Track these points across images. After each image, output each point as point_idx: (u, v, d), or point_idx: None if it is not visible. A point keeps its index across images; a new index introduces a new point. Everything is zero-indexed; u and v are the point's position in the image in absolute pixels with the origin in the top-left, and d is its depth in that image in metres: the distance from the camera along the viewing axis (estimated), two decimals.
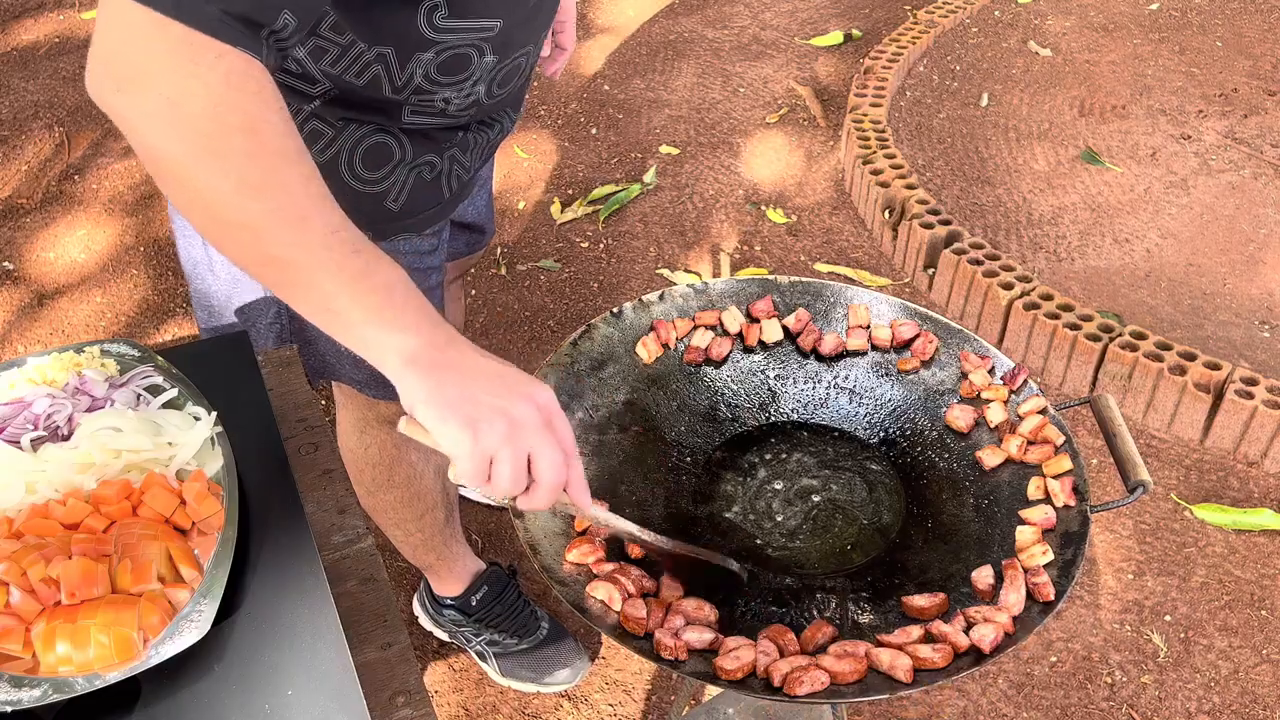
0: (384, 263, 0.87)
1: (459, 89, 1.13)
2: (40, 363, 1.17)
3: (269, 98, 0.82)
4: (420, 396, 0.87)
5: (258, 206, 0.81)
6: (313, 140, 1.14)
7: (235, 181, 0.80)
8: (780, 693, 0.92)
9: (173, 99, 0.78)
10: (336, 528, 1.16)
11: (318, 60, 1.05)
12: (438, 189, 1.27)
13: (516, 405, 0.87)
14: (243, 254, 0.87)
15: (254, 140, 0.80)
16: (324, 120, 1.13)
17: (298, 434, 1.25)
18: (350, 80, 1.08)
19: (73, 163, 3.36)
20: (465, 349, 0.90)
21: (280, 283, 0.88)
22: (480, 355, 0.90)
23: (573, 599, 0.99)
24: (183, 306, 2.80)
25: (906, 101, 3.55)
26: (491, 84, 1.17)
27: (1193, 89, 3.57)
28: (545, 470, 0.88)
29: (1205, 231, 2.94)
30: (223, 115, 0.79)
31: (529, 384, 0.90)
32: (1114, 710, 1.87)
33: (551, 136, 3.50)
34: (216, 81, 0.78)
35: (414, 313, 0.88)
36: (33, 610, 0.92)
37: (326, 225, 0.84)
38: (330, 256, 0.84)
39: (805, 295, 1.33)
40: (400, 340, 0.86)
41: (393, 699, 1.02)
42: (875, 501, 1.18)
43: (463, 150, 1.27)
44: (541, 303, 2.81)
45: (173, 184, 0.83)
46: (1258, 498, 2.24)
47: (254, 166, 0.80)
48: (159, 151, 0.81)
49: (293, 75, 1.08)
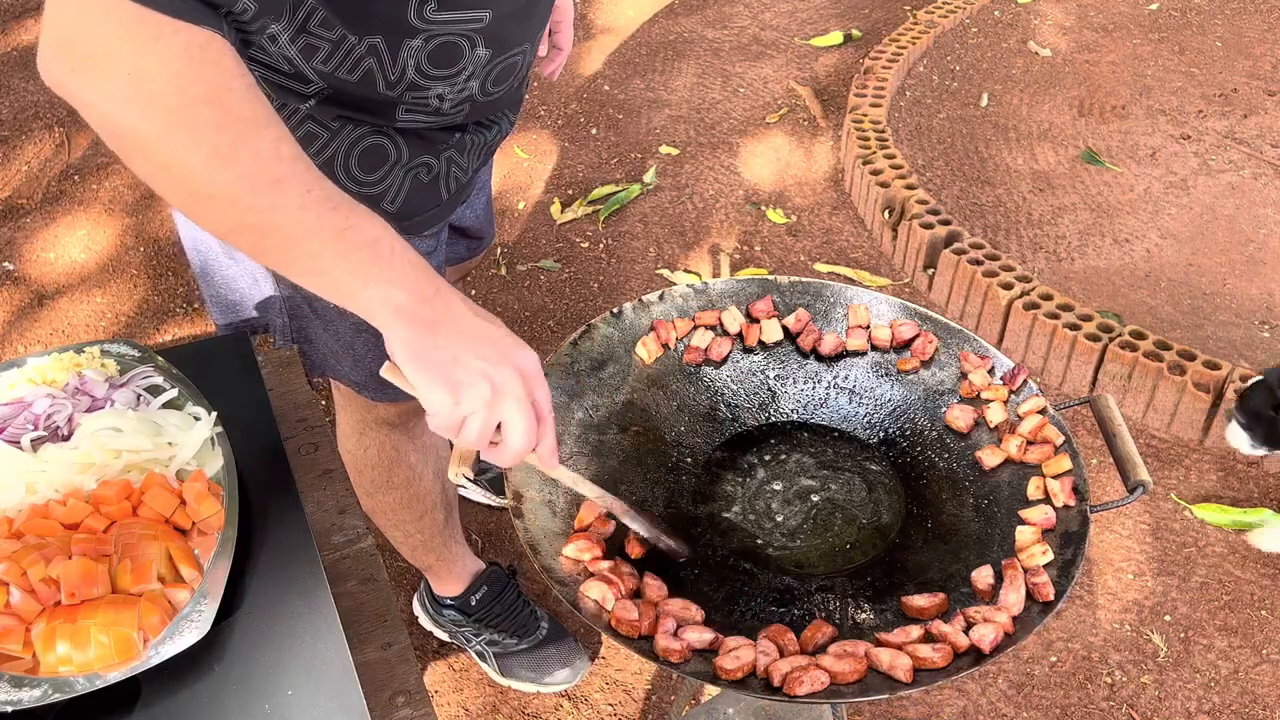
0: (365, 217, 0.87)
1: (452, 83, 1.13)
2: (40, 363, 1.17)
3: (230, 66, 0.82)
4: (405, 349, 0.88)
5: (229, 175, 0.81)
6: (308, 143, 1.14)
7: (206, 153, 0.80)
8: (780, 693, 0.92)
9: (134, 76, 0.78)
10: (336, 528, 1.16)
11: (309, 59, 1.05)
12: (435, 191, 1.27)
13: (500, 371, 0.89)
14: (220, 223, 0.87)
15: (219, 110, 0.80)
16: (319, 123, 1.13)
17: (298, 434, 1.25)
18: (343, 78, 1.07)
19: (73, 163, 3.36)
20: (454, 301, 0.90)
21: (262, 249, 0.88)
22: (469, 309, 0.91)
23: (572, 599, 0.99)
24: (182, 306, 2.80)
25: (906, 101, 3.55)
26: (485, 80, 1.16)
27: (1193, 89, 3.57)
28: (514, 437, 0.91)
29: (1205, 231, 2.94)
30: (186, 88, 0.79)
31: (514, 347, 0.91)
32: (1114, 710, 1.87)
33: (551, 136, 3.50)
34: (175, 56, 0.78)
35: (400, 265, 0.88)
36: (33, 610, 0.92)
37: (301, 185, 0.84)
38: (308, 217, 0.84)
39: (805, 295, 1.34)
40: (387, 294, 0.87)
41: (393, 699, 1.02)
42: (875, 501, 1.19)
43: (460, 152, 1.27)
44: (541, 303, 2.81)
45: (140, 160, 0.83)
46: (1258, 498, 2.24)
47: (222, 136, 0.80)
48: (123, 129, 0.80)
49: (285, 75, 1.07)
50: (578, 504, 1.10)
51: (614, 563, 1.04)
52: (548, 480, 1.10)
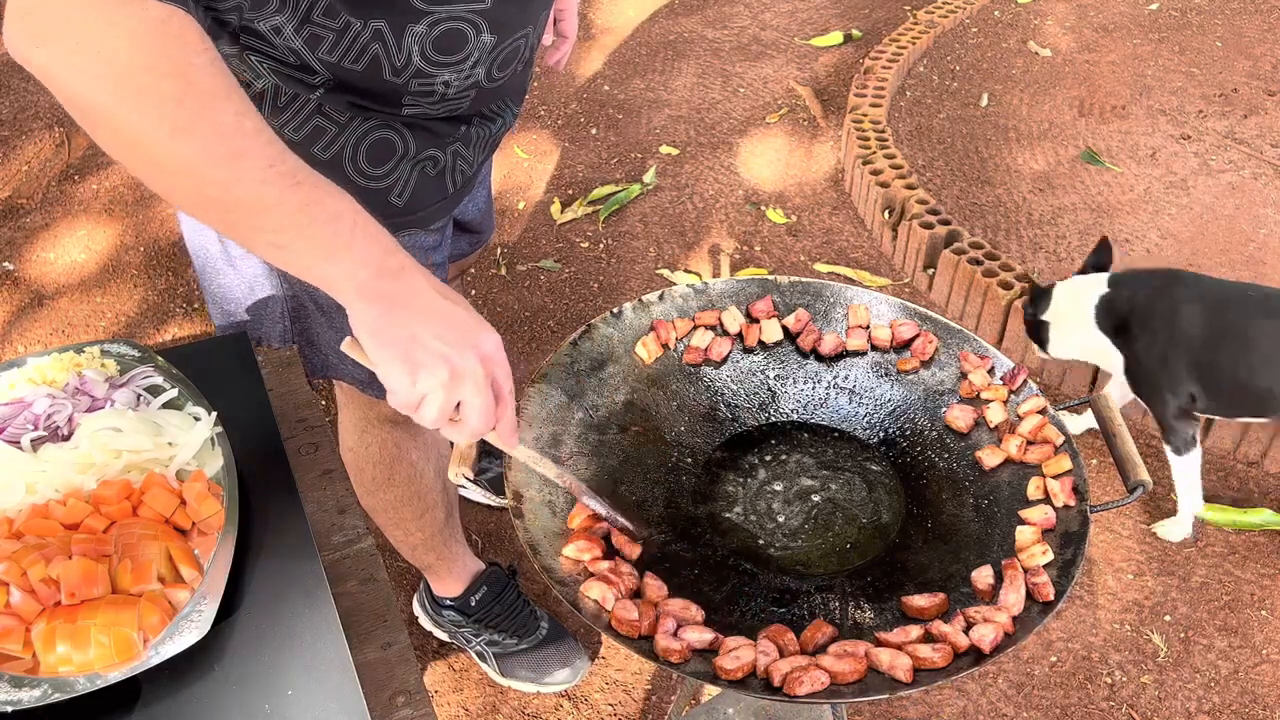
0: (329, 191, 0.87)
1: (458, 70, 1.13)
2: (40, 363, 1.17)
3: (193, 40, 0.82)
4: (365, 326, 0.89)
5: (190, 148, 0.81)
6: (316, 138, 1.14)
7: (167, 126, 0.80)
8: (780, 693, 0.92)
9: (95, 49, 0.78)
10: (336, 528, 1.16)
11: (314, 49, 1.05)
12: (442, 184, 1.28)
13: (462, 356, 0.89)
14: (183, 197, 0.87)
15: (181, 83, 0.80)
16: (327, 116, 1.13)
17: (298, 434, 1.25)
18: (349, 67, 1.07)
19: (73, 163, 3.36)
20: (417, 279, 0.91)
21: (226, 224, 0.88)
22: (432, 288, 0.91)
23: (572, 599, 0.99)
24: (182, 306, 2.80)
25: (906, 102, 3.55)
26: (491, 66, 1.16)
27: (1193, 89, 3.57)
28: (472, 417, 0.92)
29: (1205, 231, 2.94)
30: (146, 62, 0.79)
31: (477, 330, 0.92)
32: (1114, 710, 1.87)
33: (551, 136, 3.50)
34: (140, 30, 0.79)
35: (364, 242, 0.88)
36: (33, 610, 0.92)
37: (264, 159, 0.84)
38: (270, 191, 0.84)
39: (805, 295, 1.33)
40: (349, 270, 0.87)
41: (393, 699, 1.02)
42: (875, 501, 1.19)
43: (466, 145, 1.27)
44: (541, 303, 2.81)
45: (103, 132, 0.83)
46: (1258, 498, 2.24)
47: (183, 109, 0.80)
48: (85, 102, 0.81)
49: (292, 67, 1.07)
50: (574, 505, 1.10)
51: (614, 563, 1.04)
52: (548, 480, 1.10)
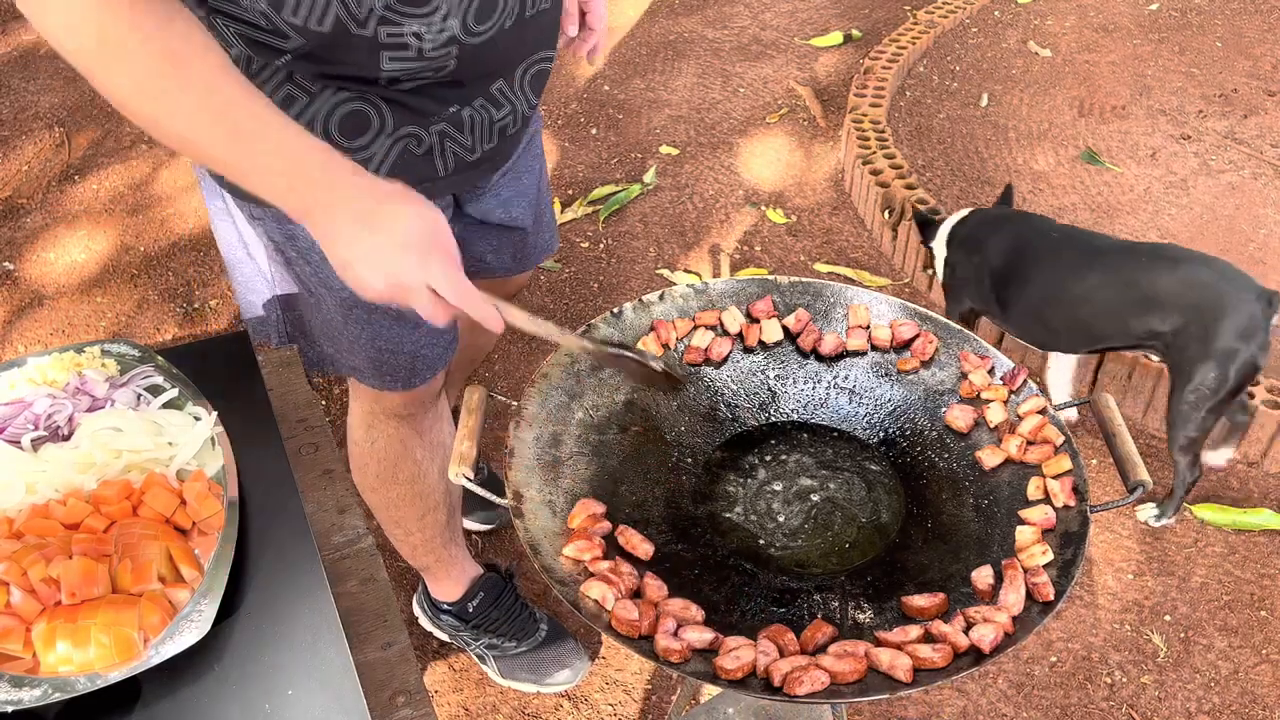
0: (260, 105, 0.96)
1: (427, 22, 1.10)
2: (40, 363, 1.17)
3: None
4: (311, 235, 1.03)
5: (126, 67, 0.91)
6: (287, 105, 1.14)
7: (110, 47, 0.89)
8: (780, 693, 0.92)
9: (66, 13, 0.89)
10: (336, 528, 1.16)
11: (279, 10, 1.05)
12: (430, 164, 1.25)
13: (393, 260, 1.00)
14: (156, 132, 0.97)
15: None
16: (298, 85, 1.13)
17: (298, 434, 1.25)
18: (314, 28, 1.06)
19: (73, 163, 3.36)
20: (341, 179, 1.00)
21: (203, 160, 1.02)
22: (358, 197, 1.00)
23: (572, 599, 0.99)
24: (182, 306, 2.80)
25: (906, 102, 3.55)
26: (465, 17, 1.12)
27: (1193, 89, 3.57)
28: (424, 313, 1.04)
29: (1205, 231, 2.94)
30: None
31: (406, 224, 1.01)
32: (1114, 710, 1.87)
33: (551, 136, 3.50)
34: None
35: (286, 157, 0.98)
36: (33, 610, 0.92)
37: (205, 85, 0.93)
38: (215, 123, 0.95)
39: (805, 295, 1.34)
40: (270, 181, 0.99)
41: (393, 699, 1.02)
42: (875, 501, 1.19)
43: (457, 128, 1.24)
44: (541, 303, 2.81)
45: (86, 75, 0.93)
46: (1258, 498, 2.24)
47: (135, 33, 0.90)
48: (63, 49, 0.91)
49: (263, 30, 1.07)
50: (575, 505, 1.10)
51: (614, 563, 1.04)
52: (548, 480, 1.10)
